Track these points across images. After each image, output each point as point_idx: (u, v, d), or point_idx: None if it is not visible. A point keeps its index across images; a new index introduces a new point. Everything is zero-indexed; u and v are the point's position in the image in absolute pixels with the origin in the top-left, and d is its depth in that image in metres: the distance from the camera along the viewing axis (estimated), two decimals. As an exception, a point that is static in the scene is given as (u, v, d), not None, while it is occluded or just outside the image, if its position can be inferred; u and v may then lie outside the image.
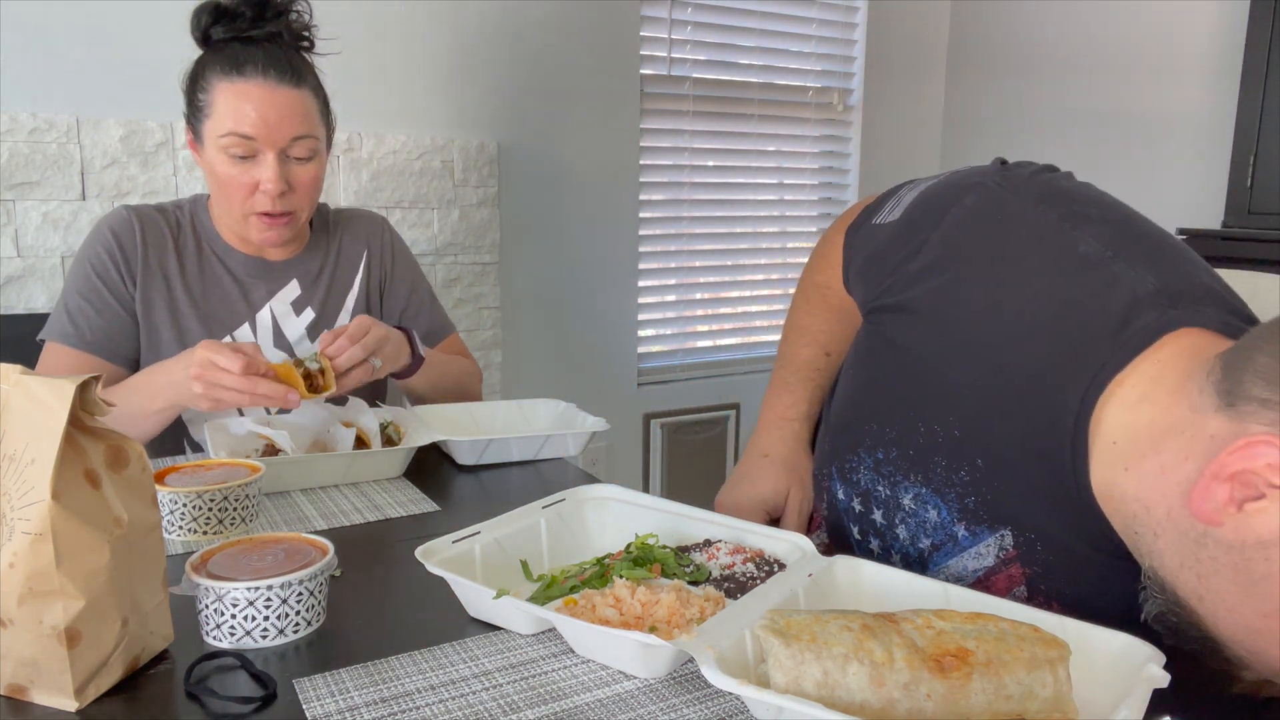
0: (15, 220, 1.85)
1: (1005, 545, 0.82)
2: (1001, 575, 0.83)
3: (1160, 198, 2.52)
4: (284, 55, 1.29)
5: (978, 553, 0.84)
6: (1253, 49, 2.16)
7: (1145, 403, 0.71)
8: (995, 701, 0.59)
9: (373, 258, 1.52)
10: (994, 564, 0.83)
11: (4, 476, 0.63)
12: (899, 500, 0.88)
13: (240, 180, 1.28)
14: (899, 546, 0.90)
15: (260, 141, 1.26)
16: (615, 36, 2.53)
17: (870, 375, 0.94)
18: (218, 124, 1.26)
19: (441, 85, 2.30)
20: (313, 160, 1.32)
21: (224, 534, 0.95)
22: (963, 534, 0.84)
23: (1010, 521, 0.81)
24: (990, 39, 2.98)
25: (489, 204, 2.39)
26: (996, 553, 0.83)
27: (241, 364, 1.09)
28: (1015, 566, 0.82)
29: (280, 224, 1.33)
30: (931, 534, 0.86)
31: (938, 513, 0.85)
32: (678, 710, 0.65)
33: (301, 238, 1.46)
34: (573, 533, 0.91)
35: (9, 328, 1.85)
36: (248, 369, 1.10)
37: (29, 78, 1.85)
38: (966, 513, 0.83)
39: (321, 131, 1.34)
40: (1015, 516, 0.81)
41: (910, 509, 0.87)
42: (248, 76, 1.25)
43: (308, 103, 1.31)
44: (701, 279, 2.87)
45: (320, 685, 0.67)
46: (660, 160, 2.72)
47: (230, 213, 1.33)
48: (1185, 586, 0.66)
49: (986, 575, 0.84)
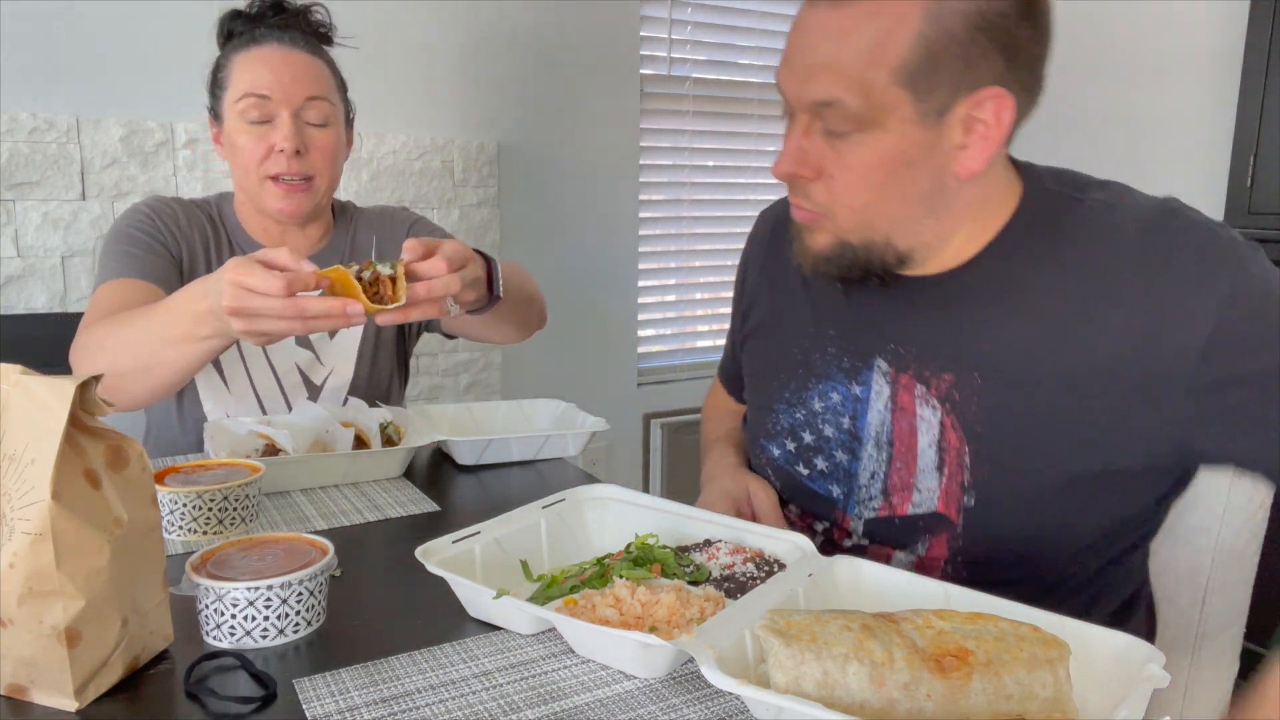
0: (15, 220, 1.85)
1: (883, 369, 0.94)
2: (903, 395, 0.93)
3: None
4: (300, 33, 1.33)
5: (877, 391, 0.95)
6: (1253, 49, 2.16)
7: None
8: (995, 701, 0.59)
9: (382, 247, 1.48)
10: (889, 388, 0.94)
11: (4, 476, 0.63)
12: (811, 408, 1.01)
13: (257, 147, 1.29)
14: (834, 444, 0.99)
15: (275, 101, 1.27)
16: (615, 36, 2.53)
17: (755, 366, 1.12)
18: (234, 91, 1.28)
19: (441, 85, 2.30)
20: (329, 127, 1.32)
21: (224, 534, 0.95)
22: (857, 389, 0.97)
23: (874, 350, 0.95)
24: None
25: (489, 204, 2.39)
26: (883, 378, 0.95)
27: (281, 285, 0.89)
28: (903, 376, 0.93)
29: (297, 191, 1.31)
30: (844, 411, 0.98)
31: (836, 391, 0.99)
32: (678, 710, 0.65)
33: (322, 229, 1.44)
34: (573, 533, 0.91)
35: (9, 328, 1.85)
36: (291, 288, 0.90)
37: (29, 78, 1.85)
38: (844, 371, 0.98)
39: (338, 100, 1.35)
40: (870, 347, 0.96)
41: (820, 408, 1.00)
42: (262, 43, 1.30)
43: (322, 70, 1.32)
44: (701, 279, 2.87)
45: (320, 685, 0.67)
46: (660, 160, 2.72)
47: (248, 185, 1.32)
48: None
49: (896, 406, 0.94)
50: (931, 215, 0.87)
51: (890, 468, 0.94)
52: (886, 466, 0.94)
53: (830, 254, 0.90)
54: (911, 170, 0.83)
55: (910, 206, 0.86)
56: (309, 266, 0.92)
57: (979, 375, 0.88)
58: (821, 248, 0.91)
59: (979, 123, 0.83)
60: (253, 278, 0.90)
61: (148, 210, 1.34)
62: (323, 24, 1.38)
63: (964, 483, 0.89)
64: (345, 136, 1.39)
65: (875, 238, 0.88)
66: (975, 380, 0.88)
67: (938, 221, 0.88)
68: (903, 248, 0.88)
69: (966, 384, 0.89)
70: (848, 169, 0.84)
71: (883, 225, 0.87)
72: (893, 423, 0.94)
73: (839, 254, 0.90)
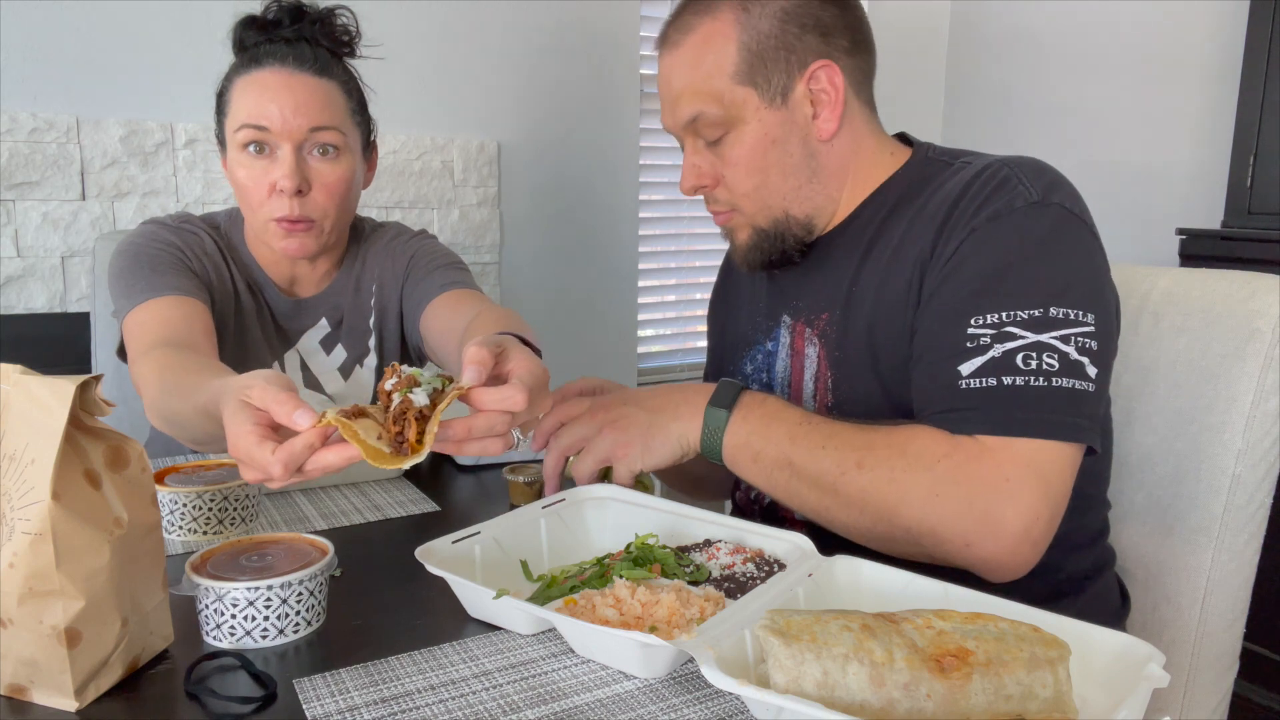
0: (15, 220, 1.85)
1: (787, 323, 1.10)
2: (797, 340, 1.07)
3: (1160, 198, 2.53)
4: (310, 49, 1.21)
5: (783, 343, 1.10)
6: (1253, 49, 2.16)
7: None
8: (995, 701, 0.59)
9: (384, 288, 1.37)
10: (789, 337, 1.09)
11: (4, 476, 0.63)
12: (744, 372, 1.17)
13: (258, 182, 1.18)
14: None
15: (275, 133, 1.16)
16: (615, 36, 2.53)
17: (715, 361, 1.28)
18: (234, 119, 1.18)
19: (441, 85, 2.30)
20: (337, 159, 1.20)
21: (224, 534, 0.95)
22: (770, 345, 1.12)
23: (782, 309, 1.10)
24: (990, 38, 2.98)
25: (489, 204, 2.39)
26: (786, 330, 1.10)
27: (280, 467, 0.69)
28: (798, 324, 1.08)
29: (299, 231, 1.20)
30: (763, 367, 1.13)
31: (760, 352, 1.14)
32: (678, 710, 0.65)
33: (332, 262, 1.34)
34: (573, 533, 0.91)
35: (9, 328, 1.85)
36: (289, 468, 0.69)
37: (29, 78, 1.85)
38: (763, 332, 1.13)
39: (350, 128, 1.23)
40: (779, 308, 1.11)
41: (749, 370, 1.15)
42: (264, 65, 1.18)
43: (331, 94, 1.20)
44: (701, 279, 2.87)
45: (320, 685, 0.67)
46: (660, 160, 2.72)
47: (253, 222, 1.23)
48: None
49: (792, 352, 1.08)
50: (814, 179, 1.03)
51: None
52: None
53: (753, 244, 1.06)
54: (781, 146, 1.01)
55: (792, 177, 1.02)
56: (305, 421, 0.68)
57: (839, 309, 1.03)
58: (744, 242, 1.07)
59: (820, 93, 1.00)
60: (250, 469, 0.71)
61: (165, 234, 1.24)
62: (347, 32, 1.25)
63: (828, 404, 1.03)
64: (363, 163, 1.28)
65: (777, 214, 1.04)
66: (838, 314, 1.03)
67: (822, 185, 1.04)
68: (801, 216, 1.04)
69: (834, 319, 1.04)
70: (733, 164, 1.02)
71: (778, 202, 1.03)
72: (791, 366, 1.09)
73: (759, 242, 1.06)
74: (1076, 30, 2.70)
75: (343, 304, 1.35)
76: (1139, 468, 1.11)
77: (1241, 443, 1.03)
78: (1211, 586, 1.06)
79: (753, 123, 0.99)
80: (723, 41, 0.98)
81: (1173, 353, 1.09)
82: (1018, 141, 2.88)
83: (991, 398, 0.85)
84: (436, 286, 1.29)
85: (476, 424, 0.72)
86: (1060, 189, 0.92)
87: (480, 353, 0.74)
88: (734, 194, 1.03)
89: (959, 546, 0.83)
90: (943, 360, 0.89)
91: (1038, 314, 0.86)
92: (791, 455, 0.89)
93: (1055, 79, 2.77)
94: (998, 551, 0.82)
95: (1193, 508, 1.06)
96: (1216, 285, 1.08)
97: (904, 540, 0.86)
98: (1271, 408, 1.02)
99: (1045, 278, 0.87)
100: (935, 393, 0.90)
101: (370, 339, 1.38)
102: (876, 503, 0.85)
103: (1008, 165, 0.94)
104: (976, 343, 0.87)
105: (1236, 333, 1.04)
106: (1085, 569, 1.01)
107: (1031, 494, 0.82)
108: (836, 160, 1.03)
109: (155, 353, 1.05)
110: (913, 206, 0.99)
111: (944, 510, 0.83)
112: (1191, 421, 1.07)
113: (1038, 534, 0.83)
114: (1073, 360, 0.85)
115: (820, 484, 0.88)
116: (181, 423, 0.96)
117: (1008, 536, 0.82)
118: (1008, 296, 0.87)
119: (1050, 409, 0.84)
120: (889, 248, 0.99)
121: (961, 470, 0.83)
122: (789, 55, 0.98)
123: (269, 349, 1.32)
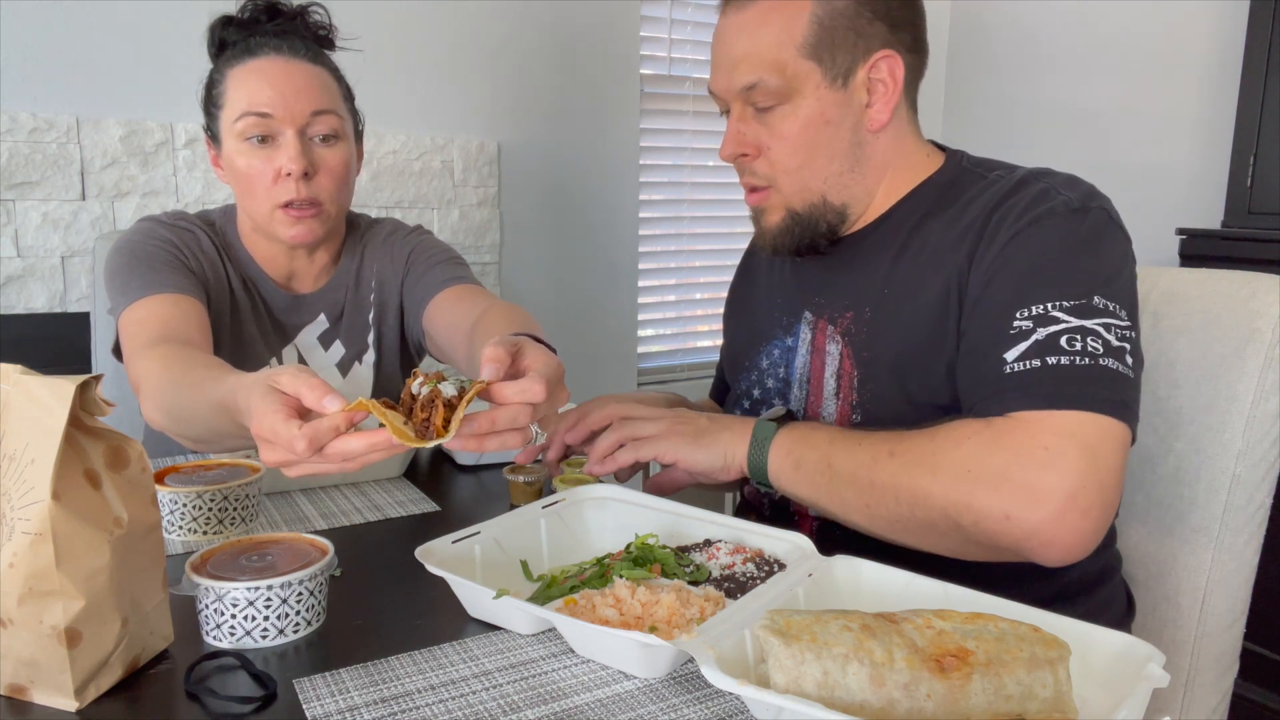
0: (15, 220, 1.85)
1: (809, 319, 1.09)
2: (819, 337, 1.07)
3: (1160, 198, 2.52)
4: (300, 39, 1.23)
5: (803, 339, 1.09)
6: (1253, 49, 2.16)
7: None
8: (995, 702, 0.59)
9: (384, 284, 1.37)
10: (810, 334, 1.08)
11: (4, 476, 0.63)
12: (760, 366, 1.14)
13: (262, 171, 1.18)
14: (774, 394, 1.12)
15: (278, 119, 1.17)
16: (615, 36, 2.53)
17: (730, 351, 1.25)
18: (232, 110, 1.18)
19: (441, 85, 2.30)
20: (338, 143, 1.22)
21: (224, 534, 0.95)
22: (789, 340, 1.11)
23: (803, 304, 1.09)
24: (989, 38, 2.98)
25: (489, 204, 2.39)
26: (807, 326, 1.08)
27: (305, 442, 0.70)
28: (820, 321, 1.07)
29: (307, 216, 1.21)
30: (781, 362, 1.11)
31: (777, 347, 1.12)
32: (678, 710, 0.65)
33: (330, 254, 1.34)
34: (573, 533, 0.91)
35: (9, 328, 1.85)
36: (314, 444, 0.71)
37: (29, 78, 1.85)
38: (782, 328, 1.12)
39: (345, 113, 1.25)
40: (801, 303, 1.10)
41: (765, 365, 1.14)
42: (259, 54, 1.19)
43: (326, 80, 1.22)
44: (701, 279, 2.87)
45: (320, 685, 0.67)
46: (660, 160, 2.72)
47: (256, 213, 1.23)
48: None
49: (813, 349, 1.07)
50: (856, 168, 1.02)
51: (808, 403, 1.07)
52: (805, 402, 1.07)
53: (783, 227, 1.04)
54: (832, 129, 1.00)
55: (837, 161, 1.01)
56: (334, 405, 0.71)
57: (869, 309, 1.02)
58: (774, 224, 1.05)
59: (879, 82, 0.99)
60: (273, 450, 0.74)
61: (163, 231, 1.24)
62: (322, 25, 1.28)
63: (853, 403, 1.02)
64: (356, 151, 1.29)
65: (814, 199, 1.02)
66: (866, 314, 1.02)
67: (862, 175, 1.03)
68: (838, 203, 1.03)
69: (860, 318, 1.02)
70: (780, 138, 1.00)
71: (817, 184, 1.02)
72: (811, 363, 1.07)
73: (790, 226, 1.04)
74: (1077, 30, 2.70)
75: (342, 300, 1.36)
76: (1139, 468, 1.11)
77: (1241, 443, 1.03)
78: (1211, 586, 1.06)
79: (810, 99, 0.98)
80: (796, 10, 0.96)
81: (1173, 353, 1.09)
82: (1018, 141, 2.88)
83: (1033, 377, 0.84)
84: (439, 283, 1.30)
85: (500, 416, 0.75)
86: (1098, 197, 0.93)
87: (498, 352, 0.77)
88: (775, 168, 1.02)
89: (999, 521, 0.79)
90: (987, 351, 0.88)
91: (1082, 302, 0.86)
92: (831, 457, 0.89)
93: (1055, 79, 2.77)
94: (1044, 522, 0.78)
95: (1193, 508, 1.06)
96: (1216, 285, 1.08)
97: (945, 526, 0.83)
98: (1271, 408, 1.02)
99: (1089, 270, 0.87)
100: (979, 383, 0.89)
101: (369, 335, 1.38)
102: (909, 486, 0.84)
103: (1043, 177, 0.95)
104: (1019, 330, 0.86)
105: (1236, 333, 1.04)
106: (1092, 573, 1.00)
107: (1074, 460, 0.78)
108: (880, 154, 1.02)
109: (159, 348, 1.06)
110: (948, 213, 0.99)
111: (977, 483, 0.80)
112: (1191, 421, 1.07)
113: (1085, 502, 0.78)
114: (1115, 346, 0.84)
115: (857, 479, 0.87)
116: (188, 418, 0.96)
117: (1051, 503, 0.77)
118: (1051, 287, 0.87)
119: (1096, 385, 0.82)
120: (924, 252, 0.99)
121: (994, 443, 0.82)
122: (858, 39, 0.97)
123: (265, 345, 1.32)
